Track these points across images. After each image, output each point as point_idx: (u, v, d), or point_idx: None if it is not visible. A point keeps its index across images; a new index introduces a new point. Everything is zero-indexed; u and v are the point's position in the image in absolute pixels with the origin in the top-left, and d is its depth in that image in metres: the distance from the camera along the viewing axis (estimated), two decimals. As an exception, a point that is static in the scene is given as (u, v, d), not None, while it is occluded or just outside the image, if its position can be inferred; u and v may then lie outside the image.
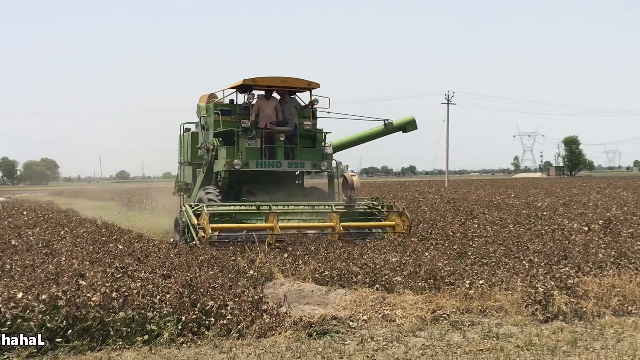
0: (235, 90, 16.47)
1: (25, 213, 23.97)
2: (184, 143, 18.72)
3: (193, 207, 13.81)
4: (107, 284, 7.78)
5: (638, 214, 18.70)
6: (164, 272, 9.22)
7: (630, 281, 8.64)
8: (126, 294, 7.43)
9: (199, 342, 6.86)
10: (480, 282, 8.78)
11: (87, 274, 8.68)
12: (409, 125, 19.31)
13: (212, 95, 17.33)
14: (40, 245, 12.60)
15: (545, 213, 19.72)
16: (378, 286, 9.03)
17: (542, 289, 8.19)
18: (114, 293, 7.38)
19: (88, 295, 7.18)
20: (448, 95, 65.79)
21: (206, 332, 7.04)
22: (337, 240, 12.95)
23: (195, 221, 12.88)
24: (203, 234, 12.38)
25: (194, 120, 18.22)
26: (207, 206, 13.49)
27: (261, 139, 15.52)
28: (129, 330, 6.86)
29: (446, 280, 9.03)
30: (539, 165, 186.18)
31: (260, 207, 13.91)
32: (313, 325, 7.35)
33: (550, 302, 7.93)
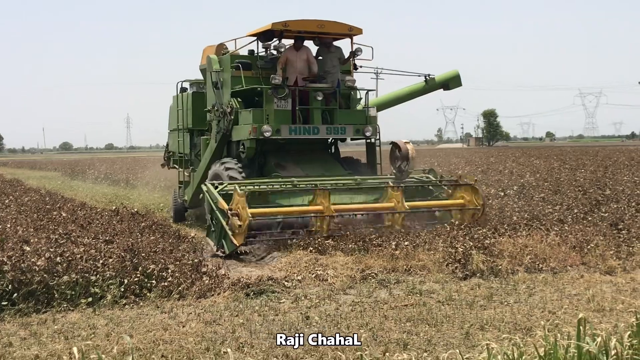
0: (255, 38, 12.56)
1: (-31, 183, 23.20)
2: (183, 105, 14.44)
3: (216, 187, 10.46)
4: (51, 250, 7.61)
5: (549, 180, 19.18)
6: (107, 238, 9.05)
7: (541, 241, 8.88)
8: (70, 258, 7.29)
9: (141, 304, 6.80)
10: (406, 243, 8.89)
11: (32, 240, 8.49)
12: (452, 82, 15.59)
13: (221, 46, 13.39)
14: (-16, 214, 12.21)
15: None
16: (312, 249, 9.04)
17: (462, 249, 8.36)
18: (58, 258, 7.23)
19: (33, 260, 7.04)
20: (377, 71, 66.03)
21: (148, 294, 6.99)
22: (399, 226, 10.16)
23: (225, 205, 9.58)
24: (239, 222, 9.29)
25: (191, 78, 14.74)
26: (239, 185, 10.04)
27: (292, 100, 11.92)
28: (73, 293, 6.78)
29: (374, 242, 9.10)
30: (460, 137, 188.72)
31: (298, 185, 10.69)
32: (250, 285, 7.36)
33: (468, 261, 8.11)
